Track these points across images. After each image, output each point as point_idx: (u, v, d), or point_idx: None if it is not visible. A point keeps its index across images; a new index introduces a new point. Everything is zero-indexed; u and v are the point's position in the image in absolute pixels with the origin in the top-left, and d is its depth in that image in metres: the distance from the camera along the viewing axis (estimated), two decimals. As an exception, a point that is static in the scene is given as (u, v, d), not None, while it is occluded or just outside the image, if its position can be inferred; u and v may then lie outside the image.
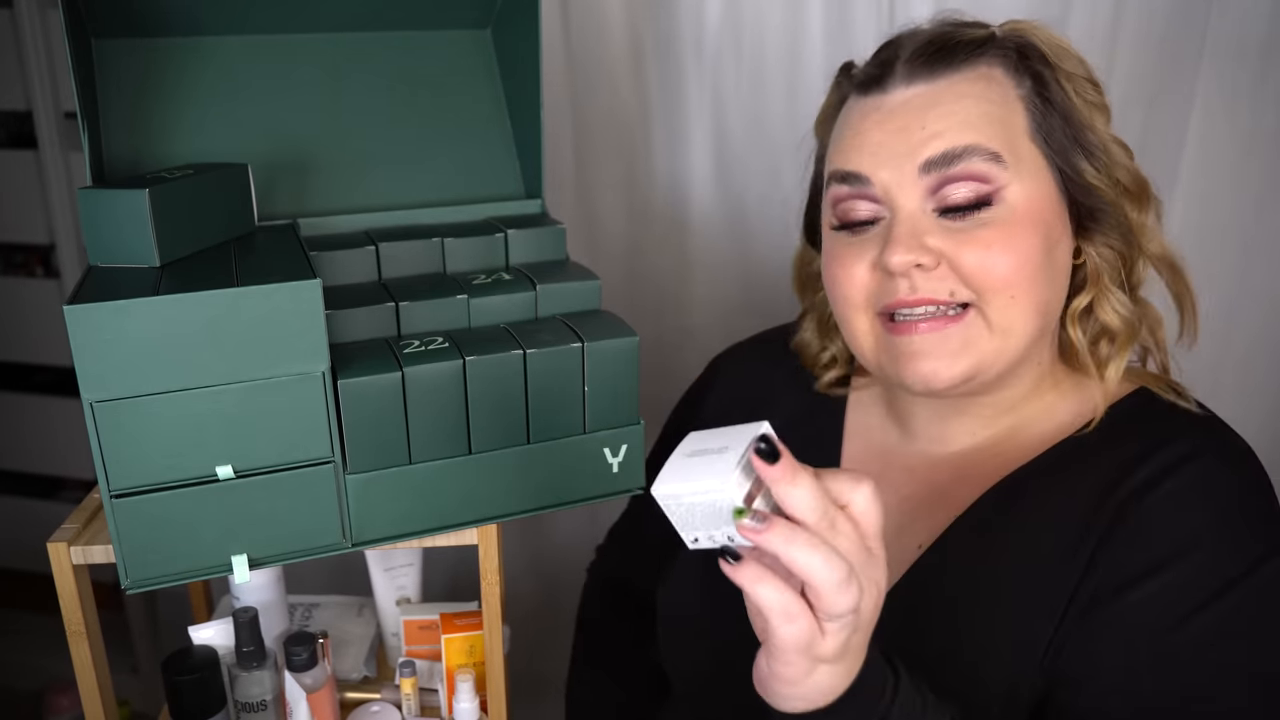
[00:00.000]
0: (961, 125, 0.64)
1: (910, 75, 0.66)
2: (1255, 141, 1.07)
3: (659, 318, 1.30)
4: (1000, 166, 0.64)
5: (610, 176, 1.26)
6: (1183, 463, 0.63)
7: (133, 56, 0.81)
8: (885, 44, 0.70)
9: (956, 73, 0.65)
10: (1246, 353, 1.14)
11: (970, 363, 0.66)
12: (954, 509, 0.69)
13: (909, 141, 0.64)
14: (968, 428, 0.73)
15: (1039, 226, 0.65)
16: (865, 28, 1.12)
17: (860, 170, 0.67)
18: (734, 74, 1.18)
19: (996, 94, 0.65)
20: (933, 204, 0.65)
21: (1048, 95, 0.66)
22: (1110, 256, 0.69)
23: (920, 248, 0.64)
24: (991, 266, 0.64)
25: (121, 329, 0.62)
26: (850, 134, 0.68)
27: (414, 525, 0.75)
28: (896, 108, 0.66)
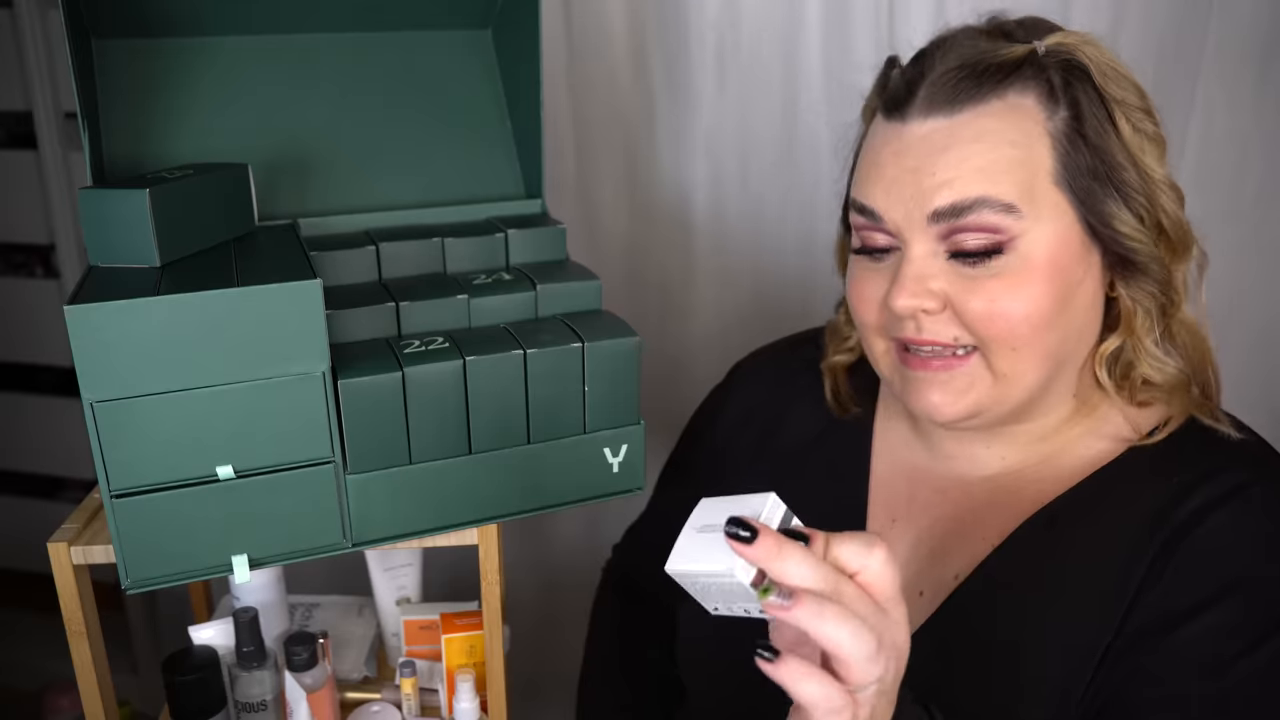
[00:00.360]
0: (973, 174, 0.60)
1: (929, 107, 0.62)
2: (1255, 142, 1.07)
3: (660, 318, 1.30)
4: (1014, 217, 0.60)
5: (611, 176, 1.26)
6: (1229, 497, 0.61)
7: (133, 56, 0.81)
8: (921, 53, 0.66)
9: (981, 104, 0.61)
10: (1246, 352, 1.14)
11: (972, 402, 0.65)
12: (991, 538, 0.67)
13: (919, 187, 0.62)
14: (998, 452, 0.71)
15: (1054, 275, 0.62)
16: (865, 27, 1.12)
17: (874, 207, 0.65)
18: (735, 73, 1.18)
19: (1021, 130, 0.61)
20: (944, 247, 0.63)
21: (1082, 130, 0.61)
22: (1147, 303, 0.65)
23: (925, 293, 0.62)
24: (995, 318, 0.62)
25: (122, 329, 0.62)
26: (870, 163, 0.66)
27: (414, 525, 0.75)
28: (913, 144, 0.62)
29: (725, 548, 0.48)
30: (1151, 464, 0.65)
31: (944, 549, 0.70)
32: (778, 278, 1.25)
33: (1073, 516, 0.65)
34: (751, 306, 1.27)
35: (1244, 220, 1.10)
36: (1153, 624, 0.60)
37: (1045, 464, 0.69)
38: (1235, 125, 1.07)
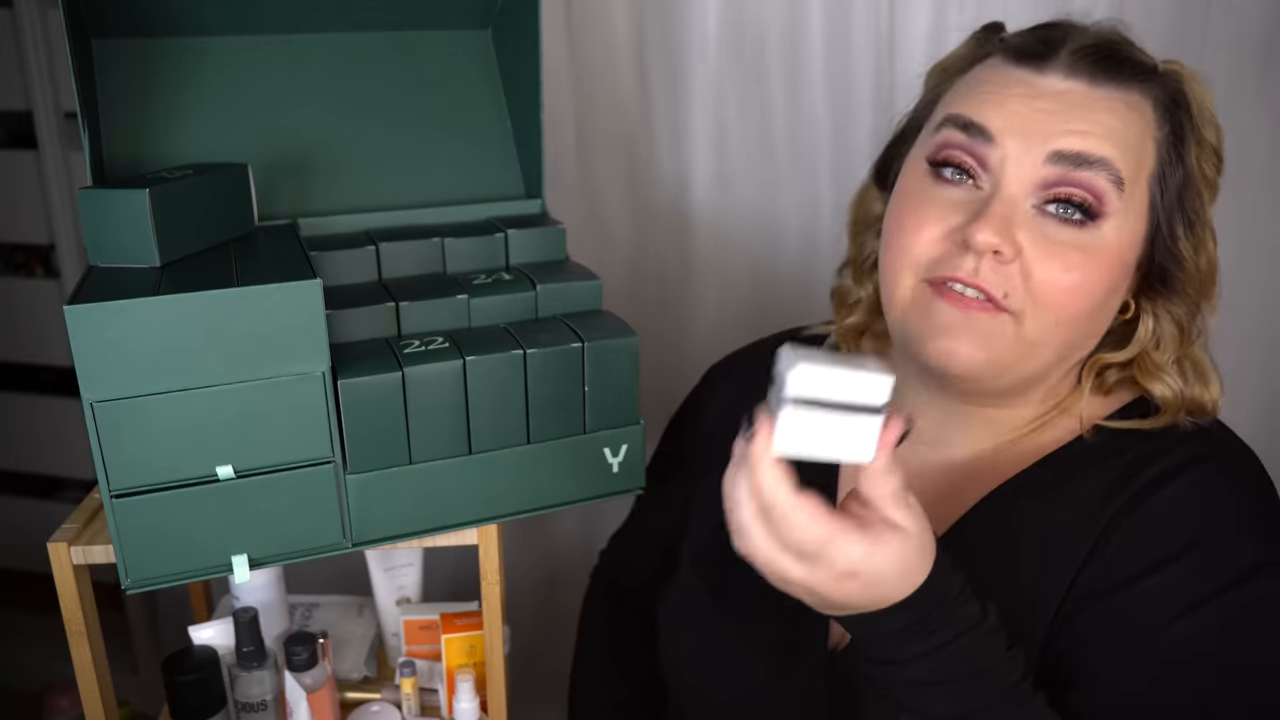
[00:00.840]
0: (1105, 137, 0.62)
1: (1072, 68, 0.63)
2: (1253, 144, 1.07)
3: (660, 318, 1.30)
4: (1118, 193, 0.62)
5: (611, 176, 1.26)
6: (1184, 468, 0.63)
7: (133, 56, 0.81)
8: (1050, 24, 0.67)
9: (1117, 88, 0.63)
10: (1244, 351, 1.14)
11: (988, 357, 0.64)
12: (955, 511, 0.70)
13: (1050, 126, 0.62)
14: (975, 436, 0.73)
15: (1116, 268, 0.64)
16: (865, 27, 1.12)
17: (989, 126, 0.63)
18: (736, 73, 1.18)
19: (1140, 126, 0.63)
20: (1037, 198, 0.62)
21: (1181, 150, 0.65)
22: (1170, 327, 0.68)
23: (1009, 236, 0.61)
24: (1060, 287, 0.62)
25: (121, 329, 0.62)
26: (989, 90, 0.65)
27: (414, 525, 0.75)
28: (1048, 92, 0.63)
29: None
30: (1113, 441, 0.67)
31: None
32: (778, 278, 1.25)
33: (1033, 490, 0.67)
34: (751, 306, 1.27)
35: (1244, 220, 1.10)
36: (1101, 585, 0.62)
37: (1012, 447, 0.71)
38: (1235, 125, 1.07)
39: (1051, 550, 0.64)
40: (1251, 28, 1.03)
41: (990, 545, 0.67)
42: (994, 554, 0.66)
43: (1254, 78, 1.05)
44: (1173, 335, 0.67)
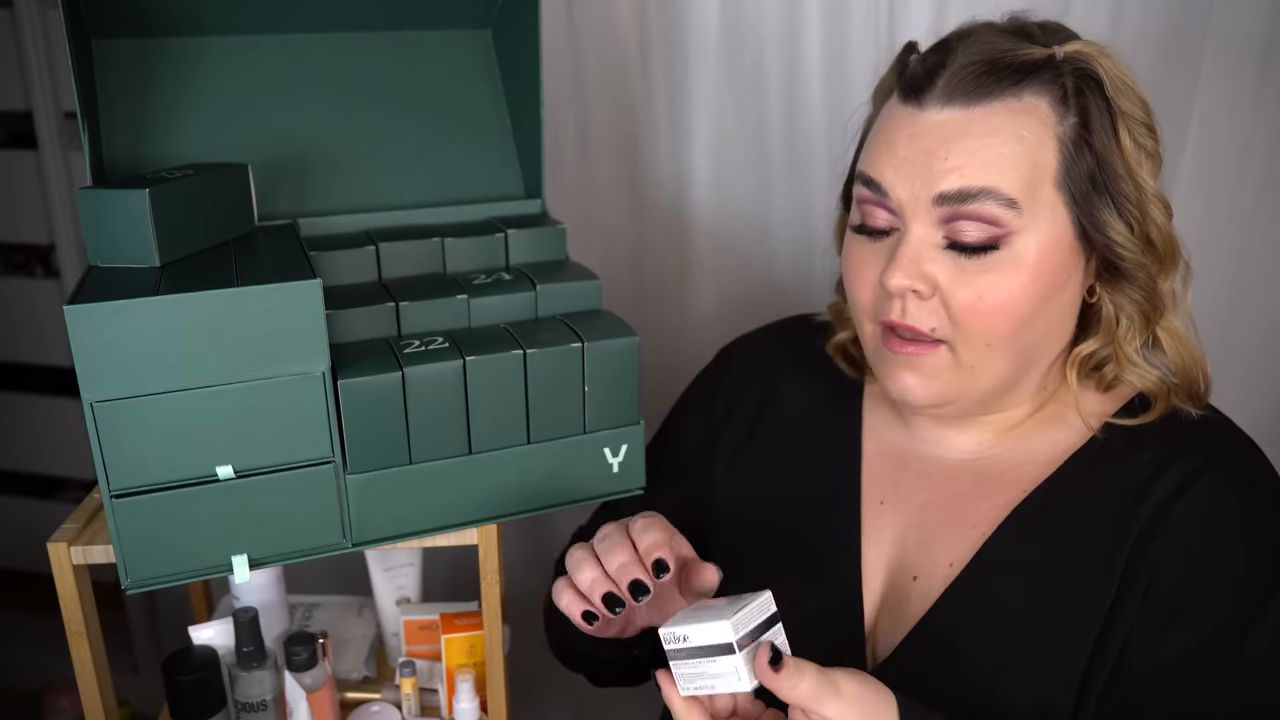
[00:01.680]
0: (983, 165, 0.62)
1: (948, 97, 0.64)
2: (1255, 141, 1.07)
3: (660, 318, 1.30)
4: (1014, 212, 0.62)
5: (611, 176, 1.26)
6: (1192, 481, 0.64)
7: (133, 56, 0.81)
8: (942, 42, 0.68)
9: (997, 100, 0.63)
10: (1246, 352, 1.14)
11: (940, 388, 0.67)
12: (981, 526, 0.70)
13: (930, 169, 0.63)
14: (973, 438, 0.73)
15: (1042, 275, 0.64)
16: (864, 28, 1.12)
17: (882, 182, 0.66)
18: (736, 73, 1.18)
19: (1032, 130, 0.63)
20: (943, 233, 0.64)
21: (1089, 138, 0.63)
22: (1130, 309, 0.67)
23: (919, 275, 0.64)
24: (980, 312, 0.64)
25: (121, 329, 0.62)
26: (883, 140, 0.67)
27: (414, 525, 0.75)
28: (929, 128, 0.64)
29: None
30: (1126, 443, 0.68)
31: (932, 535, 0.71)
32: (777, 277, 1.25)
33: (1060, 502, 0.68)
34: (751, 306, 1.27)
35: (1244, 220, 1.10)
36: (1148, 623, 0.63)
37: (1020, 447, 0.72)
38: (1235, 124, 1.07)
39: (1085, 569, 0.65)
40: (1251, 28, 1.03)
41: (1026, 563, 0.67)
42: (1029, 571, 0.67)
43: (1254, 78, 1.05)
44: (1136, 316, 0.68)
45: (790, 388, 0.83)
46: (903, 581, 0.71)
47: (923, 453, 0.75)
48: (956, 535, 0.70)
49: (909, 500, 0.74)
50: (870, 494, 0.76)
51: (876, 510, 0.75)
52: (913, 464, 0.75)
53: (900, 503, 0.74)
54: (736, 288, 1.27)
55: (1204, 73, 1.05)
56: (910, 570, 0.71)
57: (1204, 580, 0.62)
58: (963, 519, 0.71)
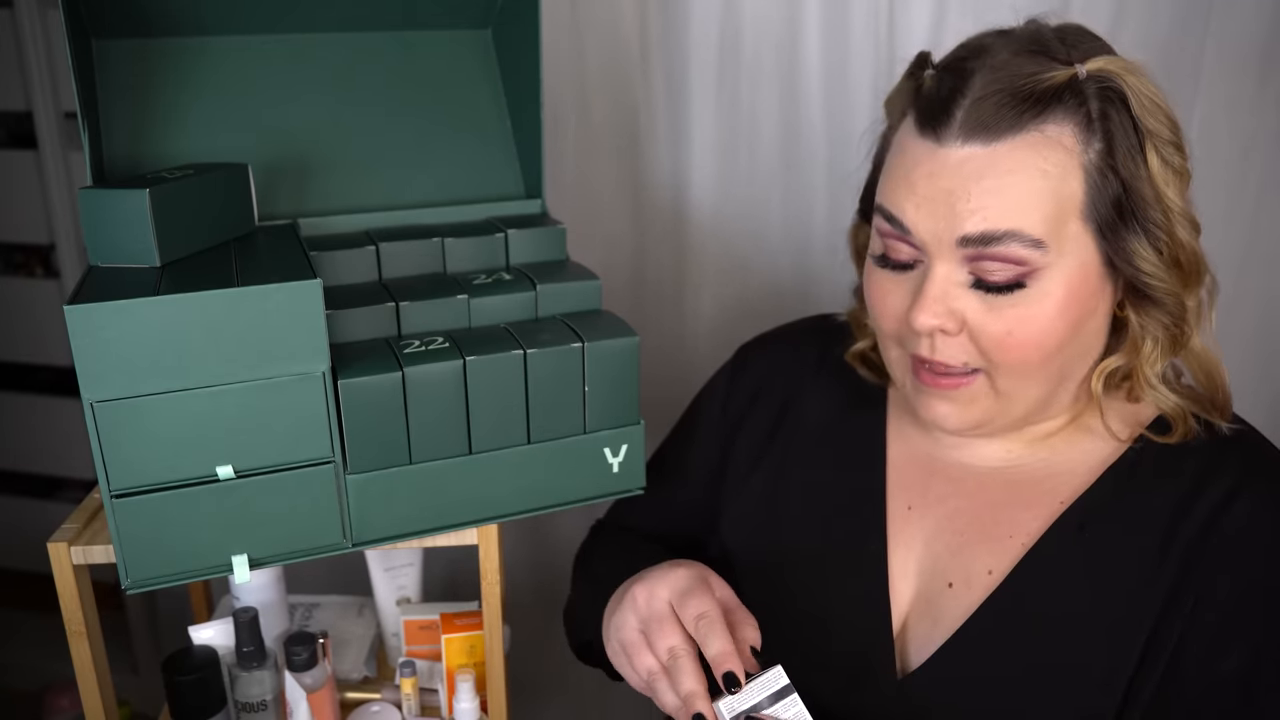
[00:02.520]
0: (1007, 206, 0.60)
1: (968, 133, 0.61)
2: (1255, 143, 1.07)
3: (660, 318, 1.30)
4: (1041, 251, 0.61)
5: (610, 176, 1.26)
6: (1234, 498, 0.64)
7: (133, 56, 0.81)
8: (957, 65, 0.64)
9: (1020, 134, 0.60)
10: (1245, 353, 1.14)
11: (978, 415, 0.67)
12: (1020, 536, 0.69)
13: (953, 210, 0.62)
14: (1002, 447, 0.73)
15: (1071, 309, 0.63)
16: (864, 29, 1.12)
17: (904, 220, 0.64)
18: (736, 74, 1.18)
19: (1056, 163, 0.61)
20: (968, 269, 0.63)
21: (1114, 163, 0.61)
22: (1157, 331, 0.67)
23: (946, 313, 0.63)
24: (1011, 347, 0.63)
25: (121, 329, 0.62)
26: (902, 174, 0.65)
27: (414, 525, 0.75)
28: (950, 166, 0.62)
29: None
30: (1163, 457, 0.68)
31: (967, 541, 0.71)
32: (777, 278, 1.25)
33: (1100, 516, 0.67)
34: (751, 306, 1.27)
35: (1244, 221, 1.10)
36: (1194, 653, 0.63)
37: (1054, 457, 0.71)
38: (1236, 125, 1.07)
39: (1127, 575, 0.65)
40: (1251, 28, 1.03)
41: (1067, 576, 0.67)
42: (1071, 585, 0.67)
43: (1254, 78, 1.05)
44: (1163, 338, 0.67)
45: (811, 392, 0.82)
46: (936, 587, 0.71)
47: (952, 458, 0.74)
48: (995, 543, 0.70)
49: (940, 506, 0.73)
50: (897, 498, 0.75)
51: (904, 514, 0.74)
52: (942, 469, 0.74)
53: (930, 508, 0.73)
54: (735, 289, 1.27)
55: (1204, 74, 1.05)
56: (945, 576, 0.71)
57: (1256, 599, 0.62)
58: (999, 528, 0.70)
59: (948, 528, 0.72)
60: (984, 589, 0.68)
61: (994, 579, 0.68)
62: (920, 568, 0.72)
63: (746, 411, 0.85)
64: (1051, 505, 0.69)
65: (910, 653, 0.70)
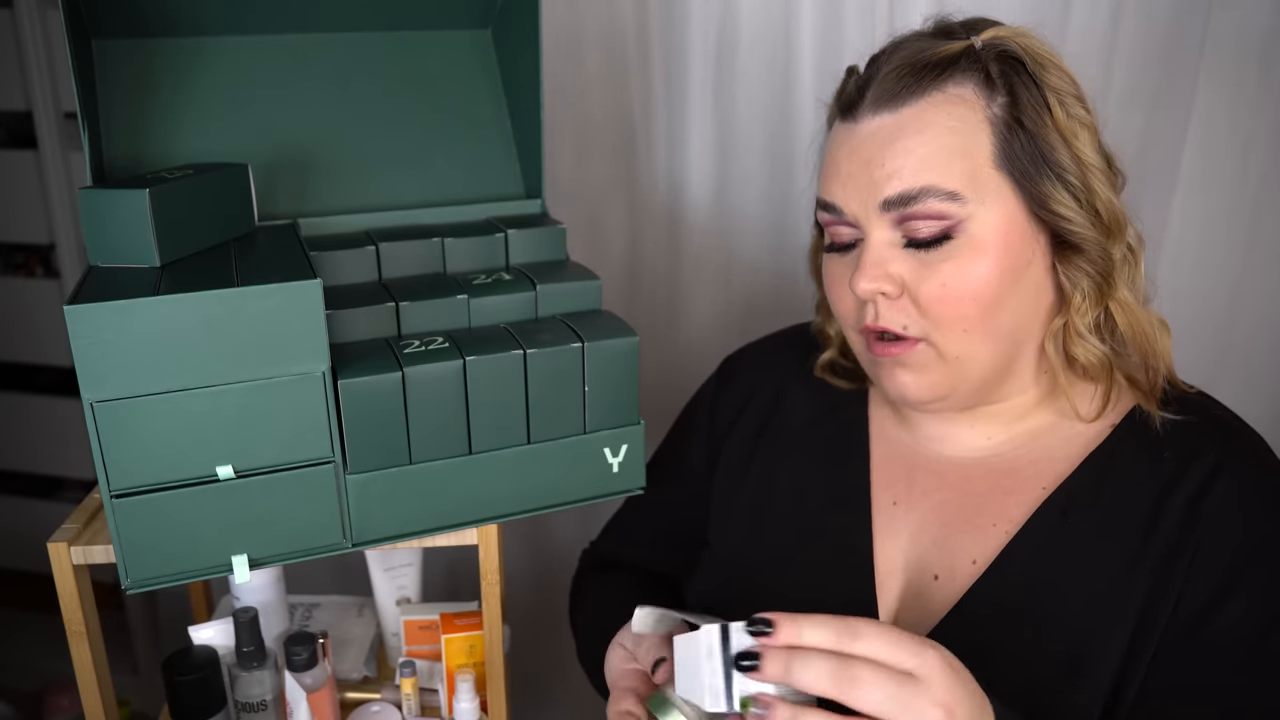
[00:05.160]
0: (918, 164, 0.64)
1: (877, 104, 0.66)
2: (1255, 142, 1.07)
3: (658, 318, 1.30)
4: (959, 203, 0.64)
5: (609, 176, 1.26)
6: (1213, 481, 0.65)
7: (133, 56, 0.81)
8: (872, 59, 0.70)
9: (923, 98, 0.65)
10: (1246, 351, 1.14)
11: (934, 382, 0.69)
12: (1003, 524, 0.70)
13: (871, 178, 0.66)
14: (983, 432, 0.74)
15: (1003, 255, 0.65)
16: (860, 31, 1.12)
17: (834, 201, 0.69)
18: (734, 75, 1.18)
19: (962, 119, 0.64)
20: (900, 233, 0.66)
21: (1019, 115, 0.64)
22: (1084, 283, 0.68)
23: (884, 276, 0.66)
24: (947, 300, 0.65)
25: (121, 329, 0.62)
26: (829, 161, 0.70)
27: (414, 525, 0.75)
28: (864, 139, 0.67)
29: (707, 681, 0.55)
30: (1138, 442, 0.69)
31: (952, 533, 0.71)
32: (776, 278, 1.25)
33: (1084, 501, 0.68)
34: (750, 307, 1.27)
35: (1244, 220, 1.10)
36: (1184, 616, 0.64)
37: (1033, 443, 0.72)
38: (1235, 124, 1.07)
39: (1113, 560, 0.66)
40: (1251, 28, 1.03)
41: (1052, 561, 0.67)
42: (1056, 570, 0.67)
43: (1254, 78, 1.05)
44: (1091, 289, 0.68)
45: (794, 397, 0.84)
46: (923, 581, 0.71)
47: (934, 452, 0.75)
48: (978, 532, 0.70)
49: (924, 500, 0.74)
50: (881, 494, 0.75)
51: (889, 510, 0.75)
52: (925, 464, 0.75)
53: (915, 502, 0.74)
54: (735, 288, 1.27)
55: (1204, 72, 1.05)
56: (931, 569, 0.71)
57: (1245, 562, 0.63)
58: (982, 517, 0.71)
59: (933, 520, 0.73)
60: (968, 579, 0.69)
61: (978, 568, 0.69)
62: (907, 562, 0.72)
63: (734, 420, 0.86)
64: (1034, 492, 0.70)
65: None
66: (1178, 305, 0.77)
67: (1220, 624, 0.63)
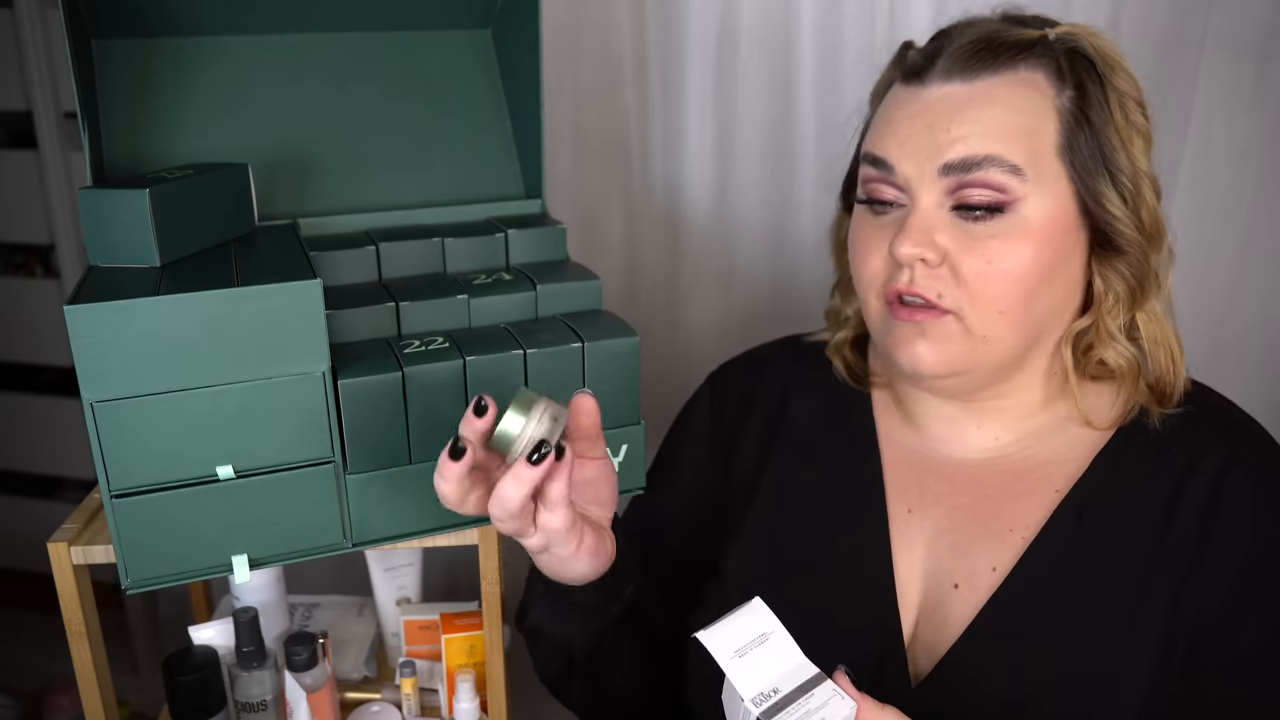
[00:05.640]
0: (986, 134, 0.64)
1: (949, 73, 0.66)
2: (1255, 140, 1.07)
3: (659, 318, 1.30)
4: (1019, 179, 0.64)
5: (608, 176, 1.26)
6: (1224, 476, 0.66)
7: (133, 56, 0.81)
8: (940, 32, 0.70)
9: (996, 75, 0.65)
10: (1245, 350, 1.14)
11: (952, 356, 0.67)
12: (1019, 529, 0.69)
13: (935, 141, 0.65)
14: (990, 432, 0.73)
15: (1048, 243, 0.65)
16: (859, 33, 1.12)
17: (887, 158, 0.68)
18: (733, 76, 1.18)
19: (1032, 102, 0.65)
20: (950, 202, 0.65)
21: (1086, 110, 0.65)
22: (1119, 286, 0.68)
23: (928, 243, 0.65)
24: (990, 276, 0.65)
25: (121, 329, 0.62)
26: (885, 120, 0.69)
27: (414, 525, 0.75)
28: (930, 104, 0.66)
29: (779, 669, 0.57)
30: (1146, 440, 0.69)
31: (968, 540, 0.71)
32: (775, 278, 1.25)
33: (1096, 503, 0.68)
34: (749, 307, 1.27)
35: (1243, 220, 1.10)
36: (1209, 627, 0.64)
37: (1040, 445, 0.72)
38: (1234, 124, 1.07)
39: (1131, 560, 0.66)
40: (1251, 28, 1.03)
41: (1072, 568, 0.67)
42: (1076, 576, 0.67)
43: (1254, 78, 1.05)
44: (1125, 293, 0.69)
45: (797, 409, 0.82)
46: (942, 590, 0.70)
47: (942, 455, 0.74)
48: (995, 539, 0.70)
49: (938, 505, 0.73)
50: (896, 502, 0.75)
51: (905, 518, 0.74)
52: (934, 468, 0.74)
53: (928, 508, 0.73)
54: (734, 288, 1.27)
55: (1203, 72, 1.05)
56: (950, 578, 0.70)
57: (1265, 566, 0.64)
58: (998, 522, 0.70)
59: (948, 527, 0.72)
60: (988, 587, 0.68)
61: (998, 576, 0.69)
62: (925, 571, 0.72)
63: (730, 442, 0.84)
64: (1047, 494, 0.70)
65: (921, 659, 0.70)
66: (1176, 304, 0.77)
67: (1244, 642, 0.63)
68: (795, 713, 0.55)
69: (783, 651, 0.57)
